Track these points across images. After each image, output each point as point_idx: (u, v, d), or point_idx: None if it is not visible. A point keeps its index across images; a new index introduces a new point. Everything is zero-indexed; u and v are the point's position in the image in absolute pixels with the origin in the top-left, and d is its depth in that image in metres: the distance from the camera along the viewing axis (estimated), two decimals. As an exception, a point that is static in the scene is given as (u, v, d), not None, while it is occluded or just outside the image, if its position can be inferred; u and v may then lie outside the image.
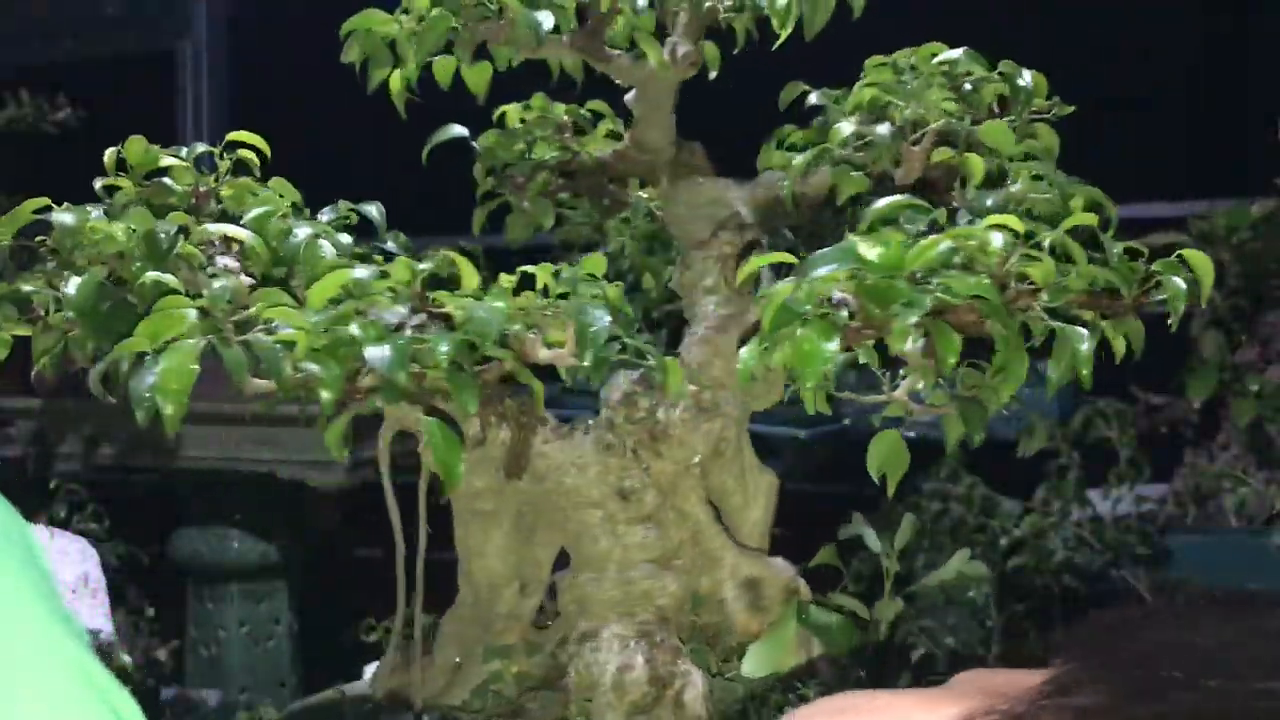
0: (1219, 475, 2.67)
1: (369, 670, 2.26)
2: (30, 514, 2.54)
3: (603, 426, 1.46)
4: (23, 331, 1.31)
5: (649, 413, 1.46)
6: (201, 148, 1.48)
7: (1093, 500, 2.59)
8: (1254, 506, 2.63)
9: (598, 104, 1.69)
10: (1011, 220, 1.17)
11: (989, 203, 1.31)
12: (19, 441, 3.15)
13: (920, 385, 1.21)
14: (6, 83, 3.63)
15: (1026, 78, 1.46)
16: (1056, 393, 1.17)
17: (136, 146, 1.43)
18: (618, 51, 1.53)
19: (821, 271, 1.12)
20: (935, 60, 1.48)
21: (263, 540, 2.93)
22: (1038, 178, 1.35)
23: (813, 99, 1.55)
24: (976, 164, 1.37)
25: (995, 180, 1.39)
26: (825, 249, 1.14)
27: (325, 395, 1.14)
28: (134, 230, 1.28)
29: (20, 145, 3.59)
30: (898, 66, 1.49)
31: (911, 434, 1.27)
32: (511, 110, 1.69)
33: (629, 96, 1.60)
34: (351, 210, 1.44)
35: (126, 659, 2.27)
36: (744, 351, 1.16)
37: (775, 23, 1.41)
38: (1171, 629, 0.65)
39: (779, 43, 1.44)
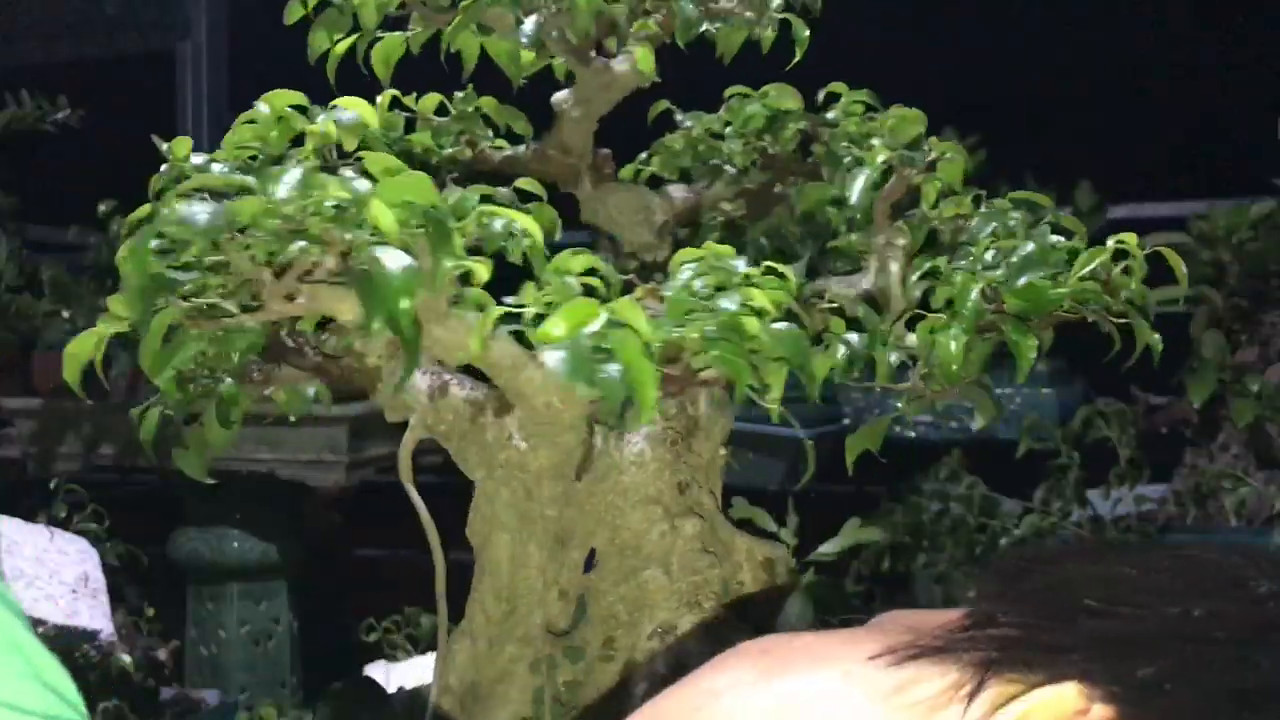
0: (1219, 475, 2.67)
1: (370, 671, 2.25)
2: (30, 514, 2.55)
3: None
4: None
5: (679, 408, 1.46)
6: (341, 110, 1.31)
7: (1093, 500, 2.59)
8: (1254, 506, 2.63)
9: (486, 100, 1.63)
10: (1130, 239, 1.32)
11: (1012, 221, 1.44)
12: (19, 441, 3.15)
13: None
14: (6, 83, 3.63)
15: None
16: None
17: (284, 99, 1.28)
18: (591, 53, 1.53)
19: (1025, 280, 1.29)
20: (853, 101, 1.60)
21: (263, 540, 2.93)
22: (982, 198, 1.50)
23: (688, 122, 1.65)
24: (935, 188, 1.51)
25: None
26: (1023, 256, 1.31)
27: (742, 386, 1.14)
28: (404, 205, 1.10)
29: (20, 145, 3.59)
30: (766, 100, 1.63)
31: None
32: (383, 98, 1.58)
33: (560, 96, 1.59)
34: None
35: (126, 659, 2.27)
36: (952, 346, 1.29)
37: (778, 45, 1.48)
38: (1087, 563, 0.66)
39: (795, 62, 1.51)
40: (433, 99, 1.61)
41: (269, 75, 1.36)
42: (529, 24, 1.44)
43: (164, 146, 1.24)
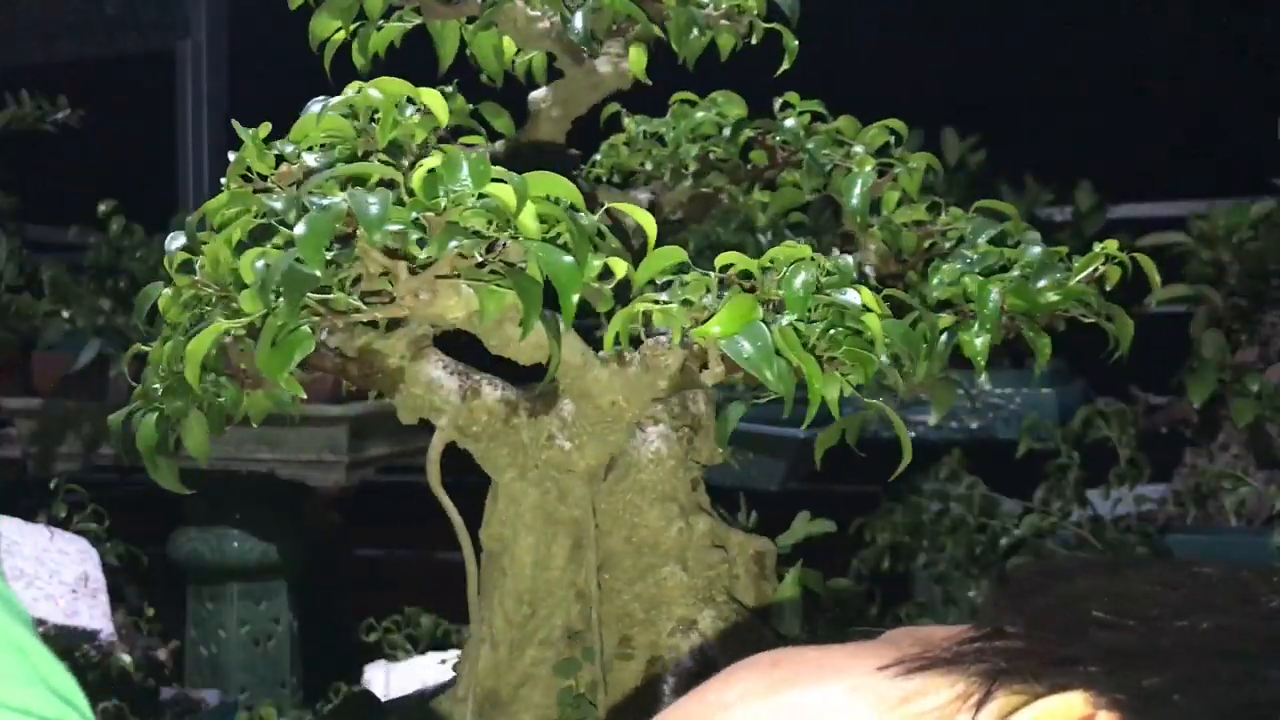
0: (1219, 475, 2.67)
1: (370, 671, 2.25)
2: (30, 514, 2.55)
3: (655, 421, 1.46)
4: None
5: (683, 407, 1.46)
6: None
7: (1093, 500, 2.59)
8: (1254, 506, 2.63)
9: (459, 101, 1.64)
10: (1111, 245, 1.37)
11: (993, 232, 1.49)
12: (19, 441, 3.15)
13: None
14: (6, 83, 3.63)
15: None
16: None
17: (394, 86, 1.24)
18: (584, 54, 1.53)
19: (1044, 281, 1.35)
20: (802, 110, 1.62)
21: (263, 540, 2.93)
22: (940, 206, 1.55)
23: (642, 127, 1.67)
24: (895, 194, 1.56)
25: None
26: (1038, 257, 1.38)
27: (869, 379, 1.17)
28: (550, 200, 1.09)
29: (20, 145, 3.60)
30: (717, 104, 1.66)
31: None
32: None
33: (539, 95, 1.57)
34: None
35: (126, 659, 2.27)
36: (978, 344, 1.35)
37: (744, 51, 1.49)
38: (1096, 578, 0.66)
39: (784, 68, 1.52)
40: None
41: (269, 75, 1.36)
42: (577, 21, 1.44)
43: (248, 133, 1.22)
